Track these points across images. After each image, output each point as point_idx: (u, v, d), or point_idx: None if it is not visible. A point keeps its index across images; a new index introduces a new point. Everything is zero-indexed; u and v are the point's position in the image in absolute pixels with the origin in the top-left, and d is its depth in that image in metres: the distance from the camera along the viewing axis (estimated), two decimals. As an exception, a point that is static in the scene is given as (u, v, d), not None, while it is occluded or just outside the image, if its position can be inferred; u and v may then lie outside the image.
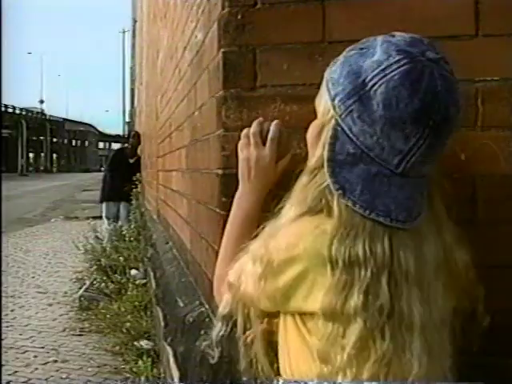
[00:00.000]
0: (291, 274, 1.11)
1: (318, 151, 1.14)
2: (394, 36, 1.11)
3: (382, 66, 1.06)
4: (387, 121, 1.05)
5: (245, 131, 1.46)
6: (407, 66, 1.05)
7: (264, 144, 1.41)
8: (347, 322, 1.06)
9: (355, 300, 1.05)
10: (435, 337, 1.11)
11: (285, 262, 1.11)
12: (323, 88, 1.16)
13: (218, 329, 1.32)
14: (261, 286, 1.15)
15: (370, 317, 1.06)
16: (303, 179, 1.17)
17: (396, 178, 1.08)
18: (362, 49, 1.13)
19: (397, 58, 1.06)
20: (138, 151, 10.02)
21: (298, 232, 1.13)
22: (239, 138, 1.62)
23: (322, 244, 1.08)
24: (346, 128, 1.08)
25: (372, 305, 1.06)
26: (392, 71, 1.05)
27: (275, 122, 1.48)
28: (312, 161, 1.16)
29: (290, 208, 1.18)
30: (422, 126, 1.05)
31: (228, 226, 1.48)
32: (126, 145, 10.29)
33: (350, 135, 1.08)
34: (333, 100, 1.11)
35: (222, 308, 1.30)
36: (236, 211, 1.46)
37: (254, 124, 1.45)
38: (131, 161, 9.71)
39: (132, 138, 10.11)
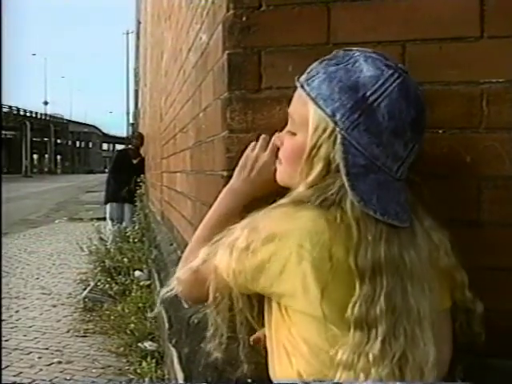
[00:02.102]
0: (267, 251, 1.13)
1: (317, 166, 1.17)
2: (364, 51, 1.20)
3: (381, 81, 1.13)
4: (392, 130, 1.12)
5: (265, 136, 1.47)
6: (400, 79, 1.14)
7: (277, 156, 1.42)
8: (372, 327, 1.08)
9: (381, 305, 1.08)
10: (437, 326, 1.15)
11: (263, 240, 1.13)
12: (310, 105, 1.18)
13: (167, 288, 1.37)
14: (234, 264, 1.16)
15: (389, 318, 1.08)
16: (300, 189, 1.20)
17: (396, 183, 1.16)
18: (338, 64, 1.18)
19: (389, 72, 1.15)
20: (142, 152, 10.03)
21: (281, 215, 1.16)
22: (244, 140, 1.62)
23: (305, 231, 1.11)
24: (353, 141, 1.12)
25: (392, 307, 1.09)
26: (390, 85, 1.13)
27: None
28: (311, 176, 1.18)
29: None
30: (416, 133, 1.16)
31: (205, 219, 1.49)
32: (130, 146, 10.26)
33: (359, 148, 1.12)
34: (332, 116, 1.14)
35: (182, 273, 1.34)
36: (218, 206, 1.48)
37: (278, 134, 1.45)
38: (134, 161, 9.70)
39: (135, 139, 10.10)
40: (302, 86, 1.21)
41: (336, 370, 1.08)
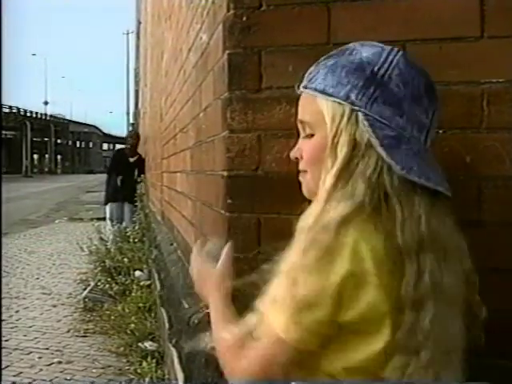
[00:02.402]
0: (333, 292, 1.04)
1: (342, 152, 1.11)
2: (358, 42, 1.20)
3: (384, 55, 1.13)
4: (410, 97, 1.11)
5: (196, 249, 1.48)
6: (401, 52, 1.15)
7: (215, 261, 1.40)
8: (421, 307, 1.05)
9: (426, 283, 1.06)
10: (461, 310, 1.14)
11: (325, 280, 1.04)
12: (320, 99, 1.15)
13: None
14: (296, 318, 1.05)
15: (433, 297, 1.06)
16: (327, 184, 1.12)
17: (428, 153, 1.14)
18: (337, 55, 1.18)
19: (388, 48, 1.15)
20: (141, 151, 10.00)
21: (334, 245, 1.05)
22: (244, 140, 1.62)
23: (367, 259, 1.04)
24: (376, 116, 1.10)
25: (435, 284, 1.07)
26: (394, 57, 1.13)
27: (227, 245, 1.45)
28: (337, 161, 1.11)
29: (323, 214, 1.10)
30: (432, 98, 1.15)
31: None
32: (126, 145, 10.18)
33: (383, 120, 1.10)
34: (347, 99, 1.11)
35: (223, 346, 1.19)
36: (213, 310, 1.37)
37: (199, 242, 1.47)
38: (131, 160, 9.63)
39: (130, 138, 10.01)
40: (306, 87, 1.19)
41: (393, 356, 1.05)
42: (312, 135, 1.19)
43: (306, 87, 1.19)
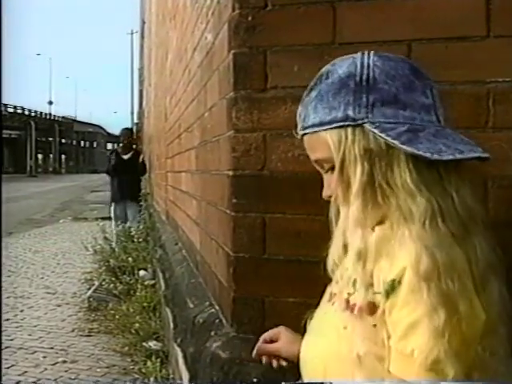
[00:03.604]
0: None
1: (356, 171, 1.09)
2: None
3: (358, 62, 1.12)
4: (403, 88, 1.10)
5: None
6: (372, 52, 1.13)
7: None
8: (484, 284, 1.06)
9: (482, 259, 1.07)
10: None
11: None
12: (322, 132, 1.13)
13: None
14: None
15: (492, 271, 1.08)
16: (354, 206, 1.11)
17: (446, 130, 1.13)
18: (317, 85, 1.16)
19: (358, 55, 1.13)
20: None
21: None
22: (250, 140, 1.62)
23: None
24: (381, 119, 1.09)
25: (489, 258, 1.09)
26: (368, 59, 1.11)
27: None
28: (356, 180, 1.10)
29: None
30: (422, 78, 1.13)
31: None
32: (121, 143, 10.07)
33: (390, 120, 1.09)
34: (346, 119, 1.10)
35: None
36: None
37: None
38: (125, 157, 9.52)
39: (122, 136, 9.89)
40: (304, 128, 1.17)
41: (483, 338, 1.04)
42: (333, 168, 1.15)
43: (304, 128, 1.17)
